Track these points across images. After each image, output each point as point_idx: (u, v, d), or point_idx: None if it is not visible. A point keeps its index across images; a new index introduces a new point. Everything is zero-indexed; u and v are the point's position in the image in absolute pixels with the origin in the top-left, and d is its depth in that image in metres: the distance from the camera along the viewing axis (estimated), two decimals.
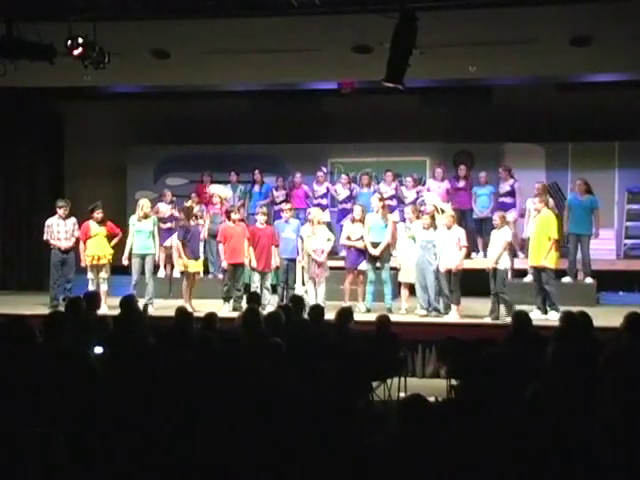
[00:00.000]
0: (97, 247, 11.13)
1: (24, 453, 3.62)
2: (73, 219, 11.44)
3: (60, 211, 11.32)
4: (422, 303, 10.46)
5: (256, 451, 4.20)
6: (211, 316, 7.72)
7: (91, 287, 11.03)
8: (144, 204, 11.33)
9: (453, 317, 10.24)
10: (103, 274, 11.17)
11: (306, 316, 8.35)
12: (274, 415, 4.63)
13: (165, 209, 12.39)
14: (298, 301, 8.70)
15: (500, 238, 10.02)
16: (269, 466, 4.11)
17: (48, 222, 11.37)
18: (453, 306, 10.27)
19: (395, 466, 3.98)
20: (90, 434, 4.35)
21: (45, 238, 11.36)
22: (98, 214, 11.17)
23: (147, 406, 4.85)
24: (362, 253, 10.90)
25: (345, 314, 8.05)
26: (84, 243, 11.16)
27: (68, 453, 3.76)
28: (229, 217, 11.12)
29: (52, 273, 11.35)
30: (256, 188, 13.54)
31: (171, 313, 8.07)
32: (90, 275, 11.16)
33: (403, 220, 11.27)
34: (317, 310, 8.22)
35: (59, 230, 11.30)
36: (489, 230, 12.53)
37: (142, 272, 11.18)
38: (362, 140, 13.81)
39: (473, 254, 11.99)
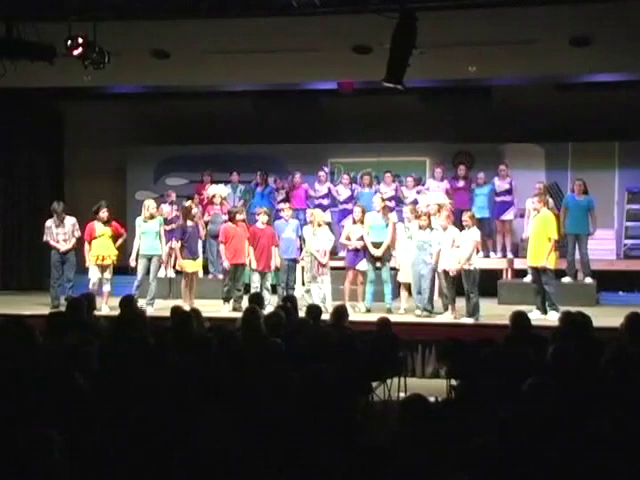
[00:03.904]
0: (102, 247, 11.11)
1: (22, 453, 3.62)
2: (72, 219, 11.44)
3: (54, 216, 11.33)
4: (417, 303, 10.47)
5: (256, 451, 4.20)
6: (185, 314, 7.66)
7: (92, 287, 11.01)
8: (149, 205, 11.29)
9: (446, 317, 10.25)
10: (107, 274, 11.16)
11: (303, 316, 8.35)
12: (274, 415, 4.63)
13: (167, 210, 12.39)
14: (292, 301, 8.70)
15: (469, 238, 10.01)
16: (269, 466, 4.11)
17: (47, 223, 11.38)
18: (450, 306, 10.28)
19: (395, 466, 3.98)
20: (89, 434, 4.35)
21: (45, 239, 11.37)
22: (103, 213, 11.17)
23: (146, 406, 4.84)
24: (360, 253, 10.89)
25: (340, 312, 8.08)
26: (89, 244, 11.14)
27: (66, 453, 3.76)
28: (233, 218, 11.09)
29: (52, 273, 11.36)
30: (258, 189, 13.53)
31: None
32: (94, 275, 11.09)
33: (402, 220, 11.25)
34: (315, 310, 8.23)
35: (58, 232, 11.30)
36: (488, 230, 12.61)
37: (147, 273, 11.17)
38: (362, 140, 13.81)
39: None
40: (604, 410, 4.69)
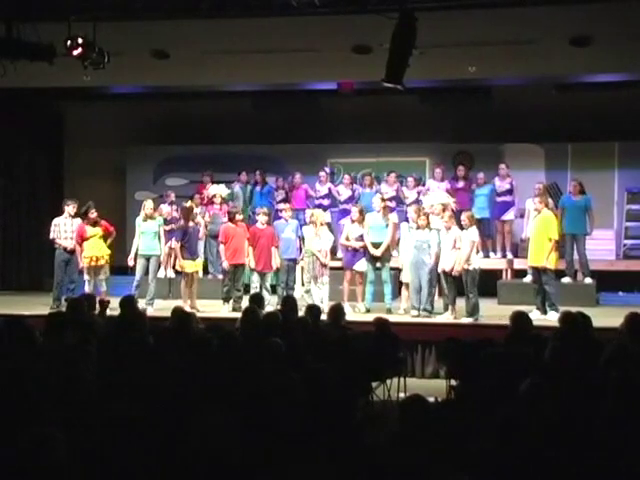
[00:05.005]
0: (94, 248, 11.13)
1: (27, 452, 3.61)
2: (78, 220, 11.43)
3: (69, 208, 11.31)
4: (415, 303, 10.46)
5: (255, 451, 4.20)
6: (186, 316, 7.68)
7: (87, 289, 11.02)
8: (145, 205, 11.32)
9: (446, 317, 10.25)
10: (101, 275, 11.17)
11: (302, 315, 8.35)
12: (273, 415, 4.63)
13: (167, 210, 12.37)
14: (291, 302, 8.69)
15: (467, 238, 10.00)
16: (268, 467, 4.11)
17: (56, 221, 11.38)
18: (450, 306, 10.28)
19: (395, 466, 3.98)
20: (88, 434, 4.35)
21: (51, 237, 11.34)
22: (92, 214, 11.19)
23: (146, 406, 4.84)
24: (358, 253, 10.89)
25: (337, 311, 8.08)
26: (80, 245, 11.16)
27: (67, 452, 3.76)
28: (233, 218, 11.10)
29: (56, 273, 11.31)
30: (257, 188, 13.56)
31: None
32: (87, 277, 11.15)
33: (406, 220, 11.22)
34: (314, 310, 8.22)
35: (66, 229, 11.30)
36: (488, 231, 12.61)
37: (145, 273, 11.16)
38: (362, 140, 13.81)
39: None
40: (604, 410, 4.69)
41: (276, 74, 11.47)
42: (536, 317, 9.43)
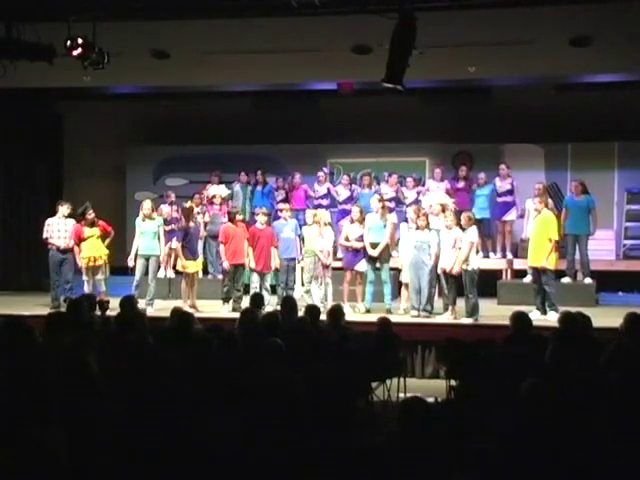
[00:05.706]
0: (92, 249, 11.17)
1: (24, 452, 3.61)
2: (72, 220, 11.45)
3: (63, 208, 11.30)
4: (415, 304, 10.47)
5: (255, 452, 4.20)
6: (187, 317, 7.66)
7: (86, 289, 11.04)
8: (144, 205, 11.33)
9: (446, 318, 10.26)
10: (100, 275, 11.20)
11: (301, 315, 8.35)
12: (273, 416, 4.63)
13: (167, 210, 12.37)
14: (291, 302, 8.70)
15: (466, 239, 10.00)
16: (268, 467, 4.11)
17: (49, 221, 11.39)
18: (450, 307, 10.28)
19: (395, 466, 3.98)
20: (88, 434, 4.35)
21: (44, 236, 11.35)
22: (90, 215, 11.21)
23: (145, 406, 4.84)
24: (359, 253, 10.90)
25: (336, 312, 8.08)
26: (78, 246, 11.18)
27: (68, 452, 3.76)
28: (233, 218, 11.10)
29: (52, 274, 11.33)
30: (258, 188, 13.57)
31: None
32: (85, 277, 11.17)
33: (405, 220, 11.23)
34: (314, 310, 8.22)
35: (59, 229, 11.30)
36: (488, 231, 12.61)
37: (145, 273, 11.17)
38: (362, 140, 13.80)
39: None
40: (604, 410, 4.69)
41: (276, 74, 11.47)
42: (536, 317, 9.43)
